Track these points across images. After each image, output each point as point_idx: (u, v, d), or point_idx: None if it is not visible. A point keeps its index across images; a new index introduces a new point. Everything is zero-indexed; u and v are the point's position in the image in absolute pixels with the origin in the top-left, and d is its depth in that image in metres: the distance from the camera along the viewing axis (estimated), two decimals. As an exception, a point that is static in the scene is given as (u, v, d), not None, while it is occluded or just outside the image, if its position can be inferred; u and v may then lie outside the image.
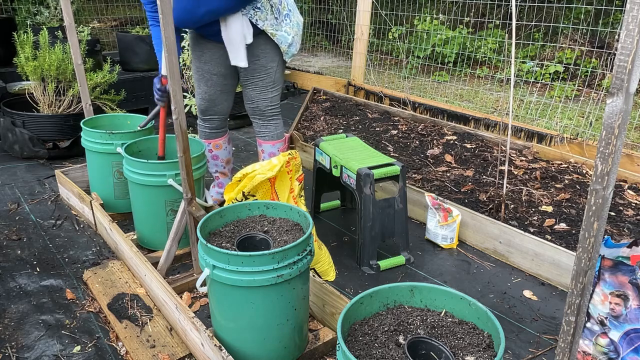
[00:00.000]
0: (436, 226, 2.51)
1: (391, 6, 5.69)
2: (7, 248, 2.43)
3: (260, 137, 2.63)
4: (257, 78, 2.46)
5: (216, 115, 2.61)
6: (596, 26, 5.04)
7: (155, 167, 2.21)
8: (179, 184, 2.18)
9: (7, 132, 3.46)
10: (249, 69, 2.42)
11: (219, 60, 2.44)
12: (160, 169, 2.21)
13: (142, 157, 2.43)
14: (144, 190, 2.27)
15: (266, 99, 2.52)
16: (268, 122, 2.59)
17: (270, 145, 2.64)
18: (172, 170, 2.21)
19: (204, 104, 2.57)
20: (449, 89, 5.21)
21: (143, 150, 2.49)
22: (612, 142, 0.87)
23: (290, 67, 6.02)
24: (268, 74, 2.46)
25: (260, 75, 2.45)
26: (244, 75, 2.47)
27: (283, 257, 1.48)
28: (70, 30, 2.74)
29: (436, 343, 1.25)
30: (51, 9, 4.88)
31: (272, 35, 2.34)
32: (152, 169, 2.21)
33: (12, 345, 1.81)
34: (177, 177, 2.23)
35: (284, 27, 2.37)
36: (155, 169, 2.21)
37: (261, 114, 2.56)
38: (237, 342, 1.61)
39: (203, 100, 2.56)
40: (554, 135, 3.56)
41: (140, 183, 2.25)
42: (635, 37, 0.81)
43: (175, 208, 2.28)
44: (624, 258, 1.66)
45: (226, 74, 2.50)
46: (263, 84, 2.47)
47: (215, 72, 2.48)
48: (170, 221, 2.29)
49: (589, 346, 1.74)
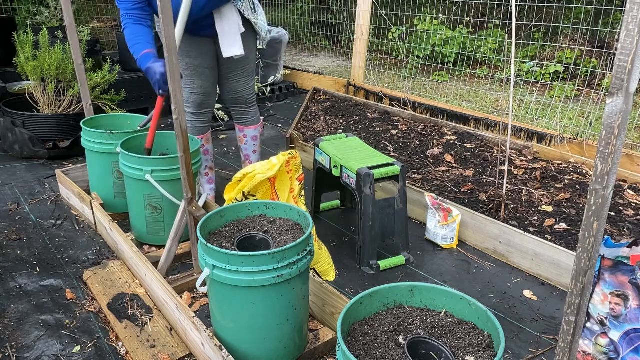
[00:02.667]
0: (436, 226, 2.51)
1: (391, 6, 5.69)
2: (7, 248, 2.43)
3: (243, 124, 2.82)
4: (241, 69, 2.61)
5: (209, 107, 2.70)
6: (596, 26, 5.04)
7: (136, 160, 2.24)
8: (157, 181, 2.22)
9: (7, 132, 3.46)
10: (234, 60, 2.55)
11: (207, 54, 2.54)
12: (140, 164, 2.24)
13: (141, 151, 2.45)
14: (127, 181, 2.35)
15: (248, 88, 2.71)
16: (249, 108, 2.78)
17: (252, 129, 2.83)
18: (150, 165, 2.23)
19: (200, 97, 2.61)
20: (449, 89, 5.21)
21: (144, 144, 2.49)
22: (612, 142, 0.87)
23: (290, 67, 6.02)
24: (250, 63, 2.65)
25: (243, 66, 2.61)
26: (227, 67, 2.60)
27: (283, 257, 1.48)
28: (71, 30, 2.74)
29: (436, 343, 1.25)
30: (51, 9, 4.88)
31: (254, 24, 2.52)
32: (133, 162, 2.25)
33: (12, 345, 1.81)
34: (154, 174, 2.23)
35: (259, 16, 2.55)
36: (135, 163, 2.25)
37: (244, 102, 2.74)
38: (237, 342, 1.61)
39: (199, 94, 2.61)
40: (554, 135, 3.56)
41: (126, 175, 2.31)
42: (635, 37, 0.81)
43: (153, 204, 2.32)
44: (624, 258, 1.66)
45: (214, 67, 2.61)
46: (246, 74, 2.65)
47: (206, 65, 2.56)
48: (149, 215, 2.33)
49: (589, 346, 1.74)
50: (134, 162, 2.24)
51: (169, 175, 2.25)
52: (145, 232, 2.39)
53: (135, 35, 2.29)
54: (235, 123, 2.86)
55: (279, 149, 3.83)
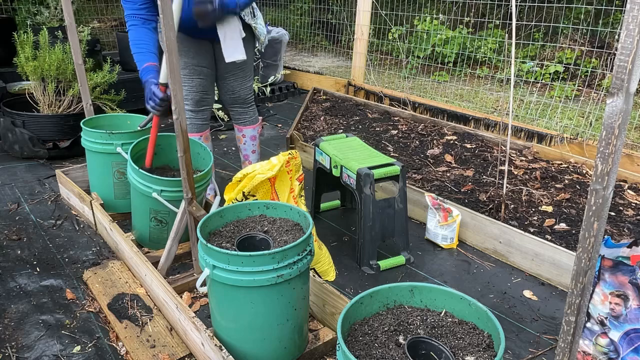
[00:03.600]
0: (436, 226, 2.51)
1: (391, 6, 5.69)
2: (7, 248, 2.43)
3: (241, 124, 2.86)
4: (239, 69, 2.67)
5: (208, 105, 2.74)
6: (596, 26, 5.04)
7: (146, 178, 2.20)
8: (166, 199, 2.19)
9: (7, 132, 3.46)
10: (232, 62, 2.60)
11: (205, 54, 2.59)
12: (147, 180, 2.19)
13: None
14: (134, 192, 2.31)
15: (246, 88, 2.76)
16: (247, 108, 2.82)
17: (251, 129, 2.87)
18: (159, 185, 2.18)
19: (199, 94, 2.65)
20: (449, 89, 5.21)
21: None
22: (612, 142, 0.87)
23: (290, 67, 6.02)
24: (248, 64, 2.70)
25: (241, 67, 2.67)
26: (225, 68, 2.65)
27: (283, 257, 1.48)
28: (71, 30, 2.74)
29: (436, 343, 1.25)
30: (51, 9, 4.88)
31: (254, 28, 2.59)
32: (143, 179, 2.20)
33: (12, 345, 1.81)
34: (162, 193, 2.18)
35: (258, 20, 2.63)
36: (145, 180, 2.20)
37: (242, 102, 2.79)
38: (237, 342, 1.61)
39: (198, 91, 2.64)
40: (554, 135, 3.56)
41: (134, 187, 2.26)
42: (635, 37, 0.81)
43: (159, 217, 2.30)
44: (624, 258, 1.66)
45: (212, 66, 2.66)
46: (244, 75, 2.71)
47: (203, 64, 2.60)
48: (154, 227, 2.33)
49: (589, 346, 1.74)
50: (144, 179, 2.20)
51: (178, 196, 2.15)
52: (147, 239, 2.38)
53: (140, 41, 2.31)
54: (234, 123, 2.89)
55: (279, 149, 3.83)
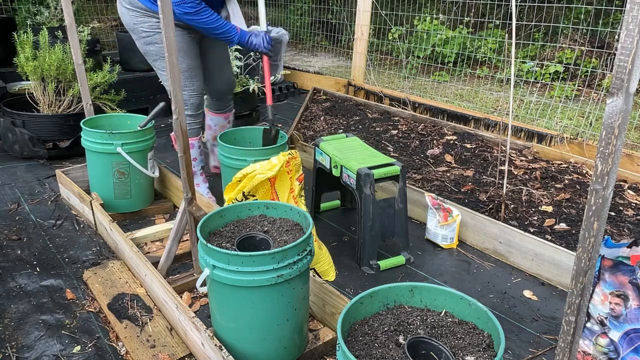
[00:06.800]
0: (436, 226, 2.51)
1: (391, 6, 5.69)
2: (7, 248, 2.43)
3: (228, 110, 2.99)
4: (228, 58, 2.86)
5: (203, 108, 2.78)
6: (596, 26, 5.04)
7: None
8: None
9: (7, 132, 3.46)
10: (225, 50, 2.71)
11: (197, 52, 2.64)
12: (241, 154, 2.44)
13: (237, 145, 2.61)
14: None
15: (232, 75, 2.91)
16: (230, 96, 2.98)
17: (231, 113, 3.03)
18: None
19: (199, 98, 2.67)
20: (449, 89, 5.21)
21: (238, 138, 2.70)
22: (612, 142, 0.87)
23: (290, 67, 6.02)
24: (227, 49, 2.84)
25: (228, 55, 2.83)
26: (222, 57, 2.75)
27: (283, 257, 1.48)
28: (71, 30, 2.74)
29: (436, 343, 1.24)
30: (51, 9, 4.87)
31: None
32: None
33: (12, 345, 1.81)
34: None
35: None
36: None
37: (232, 89, 2.94)
38: (237, 342, 1.61)
39: (198, 95, 2.66)
40: (554, 135, 3.56)
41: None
42: (635, 37, 0.81)
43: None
44: (624, 258, 1.66)
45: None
46: (229, 62, 2.89)
47: (200, 65, 2.65)
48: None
49: (589, 346, 1.74)
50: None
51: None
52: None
53: (219, 17, 2.48)
54: (222, 112, 2.97)
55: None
